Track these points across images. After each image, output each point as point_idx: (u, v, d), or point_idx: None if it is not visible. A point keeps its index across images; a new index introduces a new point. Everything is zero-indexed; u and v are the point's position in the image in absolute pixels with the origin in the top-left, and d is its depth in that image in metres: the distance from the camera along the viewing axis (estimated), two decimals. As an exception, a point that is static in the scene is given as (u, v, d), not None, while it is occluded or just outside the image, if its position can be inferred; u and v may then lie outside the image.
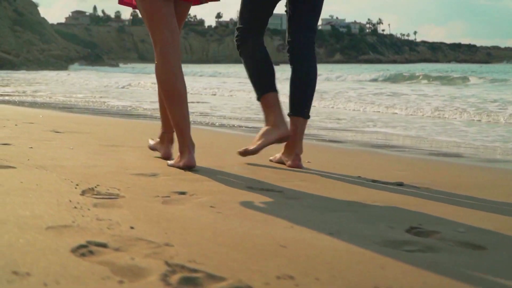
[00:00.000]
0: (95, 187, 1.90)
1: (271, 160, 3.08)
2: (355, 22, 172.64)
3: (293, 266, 1.18)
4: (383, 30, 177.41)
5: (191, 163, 2.50)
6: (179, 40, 2.60)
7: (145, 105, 9.05)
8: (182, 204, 1.76)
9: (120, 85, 17.65)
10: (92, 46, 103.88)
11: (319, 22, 3.35)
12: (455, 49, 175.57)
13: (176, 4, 2.61)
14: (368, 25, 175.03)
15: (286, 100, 2.97)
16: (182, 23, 2.78)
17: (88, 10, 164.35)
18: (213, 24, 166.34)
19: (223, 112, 8.19)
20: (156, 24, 2.51)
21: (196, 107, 8.81)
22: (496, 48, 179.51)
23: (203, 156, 3.08)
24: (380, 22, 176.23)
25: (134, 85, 17.54)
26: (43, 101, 10.18)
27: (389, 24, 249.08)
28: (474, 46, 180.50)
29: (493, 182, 2.96)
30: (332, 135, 5.50)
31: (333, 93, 12.96)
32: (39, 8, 79.58)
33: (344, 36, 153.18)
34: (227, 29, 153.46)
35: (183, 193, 1.94)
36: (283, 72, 9.25)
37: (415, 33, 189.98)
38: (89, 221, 1.42)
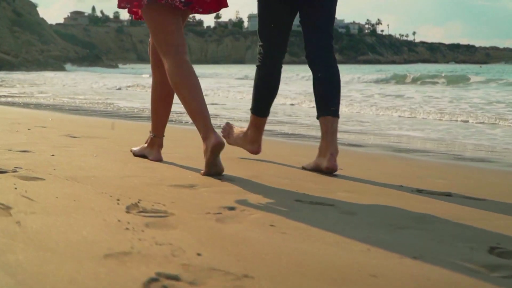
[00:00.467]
0: (138, 203, 1.73)
1: (305, 168, 2.98)
2: (354, 23, 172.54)
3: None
4: (382, 31, 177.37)
5: (221, 140, 2.39)
6: (186, 50, 2.61)
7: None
8: (239, 222, 1.59)
9: (124, 86, 17.45)
10: (91, 47, 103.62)
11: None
12: (454, 50, 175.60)
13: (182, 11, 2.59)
14: (367, 26, 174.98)
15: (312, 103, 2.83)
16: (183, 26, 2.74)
17: (87, 11, 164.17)
18: (212, 25, 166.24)
19: (236, 113, 8.02)
20: (165, 39, 2.52)
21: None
22: (495, 49, 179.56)
23: (234, 165, 2.93)
24: (379, 23, 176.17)
25: (138, 86, 17.37)
26: (48, 103, 10.00)
27: (388, 25, 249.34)
28: (473, 47, 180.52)
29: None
30: (352, 139, 5.34)
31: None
32: (38, 9, 79.33)
33: (343, 37, 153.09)
34: (226, 30, 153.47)
35: (233, 209, 1.78)
36: (283, 72, 9.10)
37: (414, 34, 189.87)
38: (149, 247, 1.25)
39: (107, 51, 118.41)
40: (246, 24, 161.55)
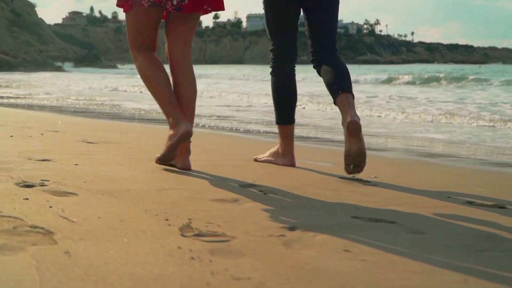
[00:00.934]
0: (190, 223, 1.56)
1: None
2: (353, 23, 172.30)
3: None
4: (381, 31, 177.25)
5: (190, 130, 2.54)
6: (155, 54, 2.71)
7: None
8: (308, 247, 1.42)
9: (127, 87, 17.24)
10: (90, 47, 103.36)
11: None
12: (452, 50, 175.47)
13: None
14: (366, 26, 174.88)
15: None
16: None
17: (85, 11, 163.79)
18: (210, 25, 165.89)
19: (251, 115, 7.84)
20: (136, 37, 2.65)
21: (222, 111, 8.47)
22: (493, 49, 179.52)
23: (267, 175, 2.76)
24: (378, 23, 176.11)
25: (143, 87, 17.13)
26: (52, 105, 9.82)
27: (387, 25, 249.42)
28: (471, 47, 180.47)
29: None
30: (374, 142, 5.17)
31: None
32: (36, 9, 78.97)
33: (342, 37, 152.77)
34: (225, 30, 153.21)
35: (293, 229, 1.60)
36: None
37: (413, 34, 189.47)
38: (226, 282, 1.08)
39: (106, 52, 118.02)
40: (245, 25, 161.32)
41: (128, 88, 16.55)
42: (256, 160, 3.24)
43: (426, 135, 5.96)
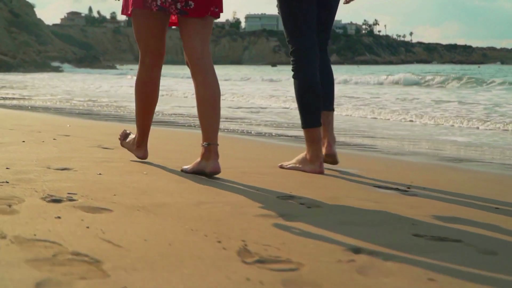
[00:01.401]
0: (246, 246, 1.39)
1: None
2: (351, 23, 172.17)
3: None
4: (379, 31, 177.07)
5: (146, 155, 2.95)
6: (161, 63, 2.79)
7: (170, 110, 8.50)
8: (385, 275, 1.26)
9: (130, 88, 17.06)
10: (88, 47, 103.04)
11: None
12: (451, 50, 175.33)
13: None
14: (364, 26, 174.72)
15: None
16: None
17: (83, 11, 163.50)
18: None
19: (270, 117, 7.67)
20: (143, 45, 2.71)
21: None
22: (492, 49, 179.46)
23: (302, 185, 2.60)
24: (376, 23, 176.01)
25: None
26: (56, 106, 9.64)
27: (385, 25, 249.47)
28: (470, 47, 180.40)
29: None
30: (388, 145, 5.01)
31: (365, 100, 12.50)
32: (35, 9, 78.65)
33: (340, 37, 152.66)
34: (223, 30, 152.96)
35: (359, 251, 1.44)
36: (280, 72, 8.81)
37: (411, 34, 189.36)
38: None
39: (104, 52, 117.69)
40: (243, 25, 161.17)
41: (131, 90, 16.37)
42: (282, 167, 3.08)
43: (446, 138, 5.80)
